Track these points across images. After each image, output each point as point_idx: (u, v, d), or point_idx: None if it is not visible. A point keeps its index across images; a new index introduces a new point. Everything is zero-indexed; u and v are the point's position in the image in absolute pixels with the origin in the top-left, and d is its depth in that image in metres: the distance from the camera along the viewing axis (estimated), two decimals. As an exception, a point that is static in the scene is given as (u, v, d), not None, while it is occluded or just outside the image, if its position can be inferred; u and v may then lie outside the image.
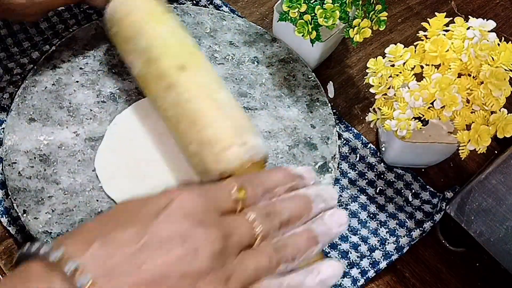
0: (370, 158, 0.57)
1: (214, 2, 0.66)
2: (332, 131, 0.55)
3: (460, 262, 0.53)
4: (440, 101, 0.45)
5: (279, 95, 0.58)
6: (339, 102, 0.61)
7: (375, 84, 0.49)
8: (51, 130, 0.52)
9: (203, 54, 0.52)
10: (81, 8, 0.63)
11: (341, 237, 0.52)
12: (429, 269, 0.52)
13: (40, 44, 0.59)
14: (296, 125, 0.56)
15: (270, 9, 0.67)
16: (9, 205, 0.50)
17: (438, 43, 0.47)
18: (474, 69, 0.46)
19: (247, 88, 0.58)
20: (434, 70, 0.47)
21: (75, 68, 0.56)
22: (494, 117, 0.46)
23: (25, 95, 0.54)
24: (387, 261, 0.51)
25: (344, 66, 0.64)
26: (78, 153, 0.51)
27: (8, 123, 0.52)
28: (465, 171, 0.58)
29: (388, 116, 0.48)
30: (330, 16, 0.52)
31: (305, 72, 0.59)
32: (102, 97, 0.55)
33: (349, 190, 0.55)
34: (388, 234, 0.53)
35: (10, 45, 0.59)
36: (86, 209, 0.49)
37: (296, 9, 0.53)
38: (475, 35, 0.45)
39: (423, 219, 0.54)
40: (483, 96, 0.45)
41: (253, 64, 0.59)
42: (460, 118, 0.46)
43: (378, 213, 0.54)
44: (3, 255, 0.49)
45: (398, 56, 0.48)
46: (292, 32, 0.55)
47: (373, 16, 0.54)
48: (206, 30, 0.61)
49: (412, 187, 0.56)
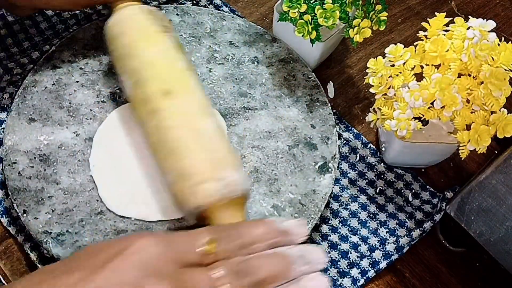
0: (370, 158, 0.57)
1: (214, 2, 0.66)
2: (332, 131, 0.55)
3: (460, 262, 0.53)
4: (440, 101, 0.45)
5: (279, 95, 0.58)
6: (339, 102, 0.61)
7: (375, 84, 0.49)
8: (51, 130, 0.52)
9: (195, 77, 0.50)
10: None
11: (341, 237, 0.52)
12: (429, 269, 0.52)
13: (40, 44, 0.59)
14: (296, 125, 0.56)
15: (270, 9, 0.67)
16: (9, 205, 0.50)
17: (438, 43, 0.47)
18: (474, 69, 0.46)
19: (247, 88, 0.58)
20: (434, 70, 0.47)
21: (75, 68, 0.56)
22: (494, 117, 0.46)
23: (25, 95, 0.54)
24: (387, 261, 0.51)
25: (344, 66, 0.64)
26: (78, 153, 0.51)
27: (8, 123, 0.52)
28: (465, 171, 0.58)
29: (388, 116, 0.48)
30: (330, 16, 0.52)
31: (305, 72, 0.59)
32: (102, 97, 0.55)
33: (349, 190, 0.55)
34: (388, 234, 0.53)
35: (10, 45, 0.59)
36: (86, 209, 0.49)
37: (296, 9, 0.53)
38: (475, 35, 0.45)
39: (423, 219, 0.54)
40: (483, 96, 0.45)
41: (253, 64, 0.59)
42: (460, 118, 0.46)
43: (378, 213, 0.54)
44: (3, 255, 0.49)
45: (398, 56, 0.48)
46: (292, 32, 0.55)
47: (373, 16, 0.54)
48: (206, 30, 0.61)
49: (412, 187, 0.56)
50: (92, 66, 0.57)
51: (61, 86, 0.55)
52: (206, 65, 0.59)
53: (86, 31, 0.59)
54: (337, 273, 0.50)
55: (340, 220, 0.53)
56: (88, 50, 0.58)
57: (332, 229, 0.53)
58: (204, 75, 0.58)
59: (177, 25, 0.61)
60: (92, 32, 0.59)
